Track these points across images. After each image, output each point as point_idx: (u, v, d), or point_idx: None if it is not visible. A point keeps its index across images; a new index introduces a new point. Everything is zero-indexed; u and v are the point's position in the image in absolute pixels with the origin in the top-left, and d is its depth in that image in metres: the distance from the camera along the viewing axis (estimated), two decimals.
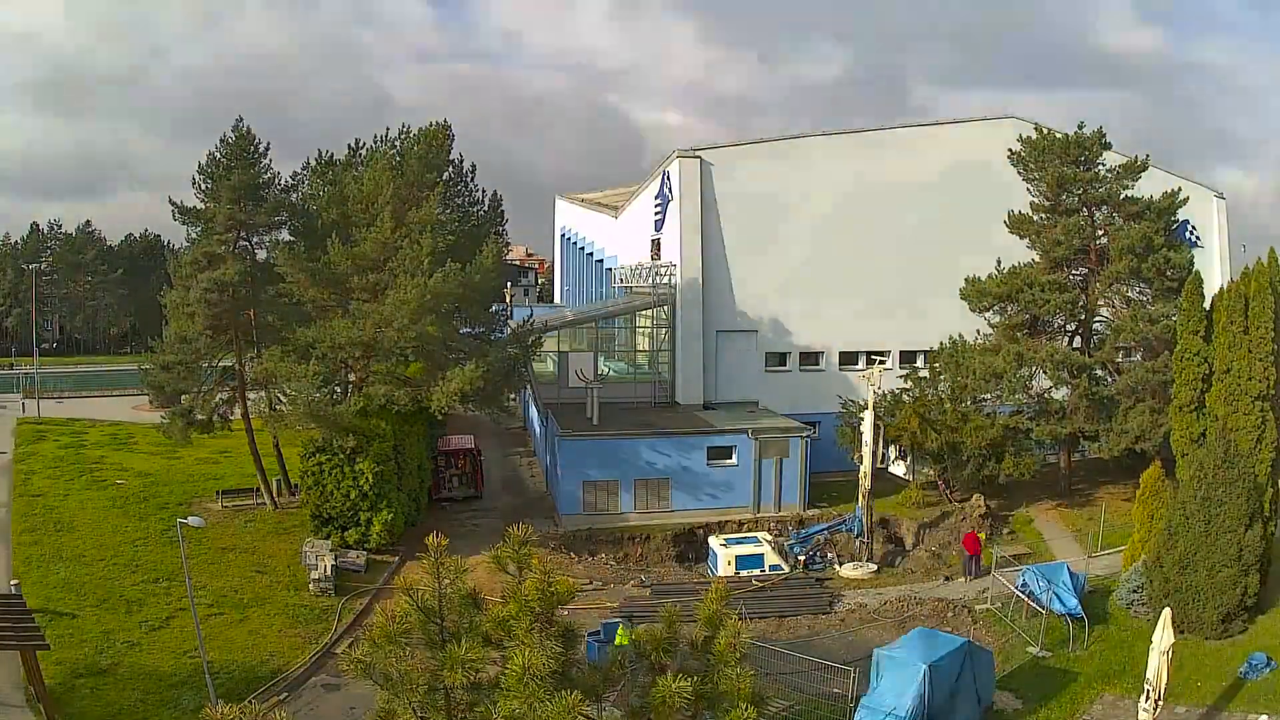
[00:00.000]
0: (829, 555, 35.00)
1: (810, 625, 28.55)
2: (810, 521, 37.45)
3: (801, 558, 33.94)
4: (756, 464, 38.97)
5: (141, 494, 38.44)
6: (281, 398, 34.70)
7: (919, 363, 44.89)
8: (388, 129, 39.19)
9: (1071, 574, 27.06)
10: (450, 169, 39.97)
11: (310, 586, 29.80)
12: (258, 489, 38.49)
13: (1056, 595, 25.89)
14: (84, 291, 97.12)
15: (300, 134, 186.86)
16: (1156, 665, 19.44)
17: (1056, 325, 40.14)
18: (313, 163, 39.00)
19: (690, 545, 36.80)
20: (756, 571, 31.96)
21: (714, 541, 33.68)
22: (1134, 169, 38.41)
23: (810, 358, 46.68)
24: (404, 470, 35.30)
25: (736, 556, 32.42)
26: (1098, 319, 39.81)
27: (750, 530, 36.10)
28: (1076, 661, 24.35)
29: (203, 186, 37.07)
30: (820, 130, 47.04)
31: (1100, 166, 38.84)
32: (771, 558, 32.61)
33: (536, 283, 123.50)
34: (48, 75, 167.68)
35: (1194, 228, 46.83)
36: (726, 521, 37.46)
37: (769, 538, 34.09)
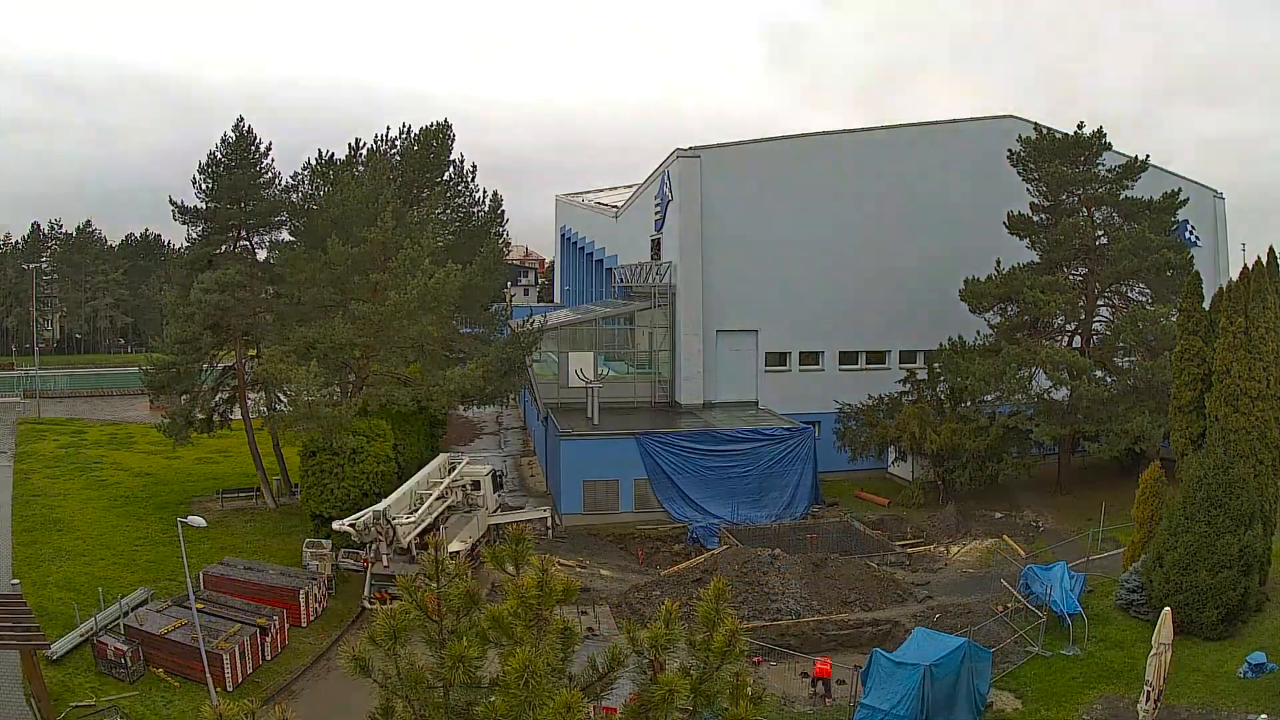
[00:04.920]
0: None
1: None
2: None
3: None
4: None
5: (141, 493, 38.50)
6: (281, 398, 34.73)
7: (919, 363, 44.92)
8: (388, 128, 39.21)
9: (1071, 574, 27.07)
10: (450, 169, 39.95)
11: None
12: (257, 488, 38.53)
13: (1056, 595, 25.88)
14: (84, 291, 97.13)
15: None
16: (1156, 665, 19.43)
17: (1056, 326, 40.15)
18: (312, 162, 38.95)
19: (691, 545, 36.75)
20: None
21: None
22: (1134, 169, 38.44)
23: (810, 358, 46.70)
24: (404, 470, 35.29)
25: None
26: (1098, 319, 39.82)
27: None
28: (1076, 661, 24.33)
29: (203, 186, 37.15)
30: (820, 130, 47.09)
31: (1100, 167, 38.87)
32: None
33: (536, 283, 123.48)
34: None
35: (1194, 228, 46.86)
36: None
37: None
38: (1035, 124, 42.05)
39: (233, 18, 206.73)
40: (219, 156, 37.09)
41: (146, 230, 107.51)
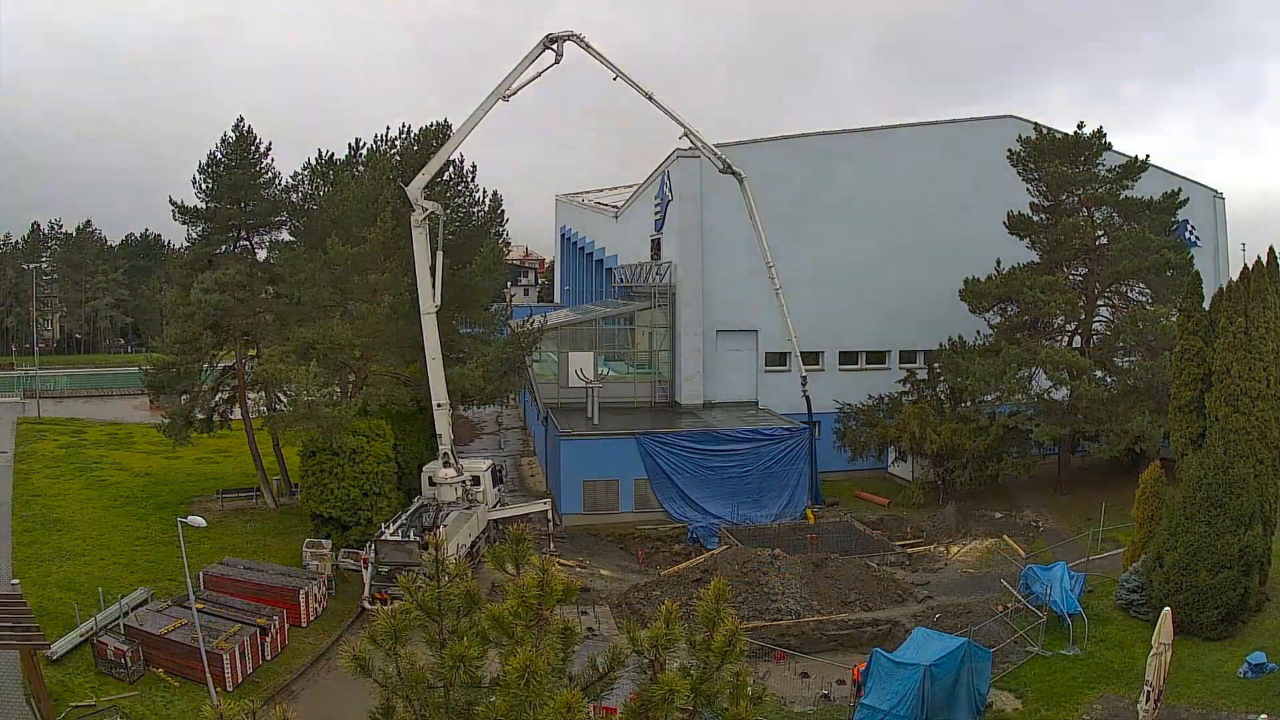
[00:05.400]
0: None
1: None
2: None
3: None
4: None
5: (141, 493, 38.48)
6: (281, 398, 34.74)
7: (919, 363, 44.87)
8: (387, 128, 39.10)
9: (1071, 574, 27.07)
10: (450, 169, 39.86)
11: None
12: (257, 488, 38.53)
13: (1056, 595, 25.88)
14: (84, 291, 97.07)
15: None
16: (1156, 665, 19.44)
17: (1056, 326, 40.15)
18: (312, 162, 38.93)
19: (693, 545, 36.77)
20: None
21: None
22: (1134, 169, 38.44)
23: (810, 358, 46.64)
24: (404, 470, 35.31)
25: None
26: (1098, 319, 39.82)
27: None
28: (1076, 661, 24.33)
29: (203, 186, 37.14)
30: (821, 130, 47.05)
31: (1100, 166, 38.87)
32: None
33: (536, 283, 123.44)
34: None
35: (1194, 227, 46.86)
36: None
37: None
38: (1035, 124, 42.05)
39: None
40: (219, 156, 37.10)
41: (146, 230, 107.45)
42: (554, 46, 33.54)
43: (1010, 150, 40.28)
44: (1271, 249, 27.79)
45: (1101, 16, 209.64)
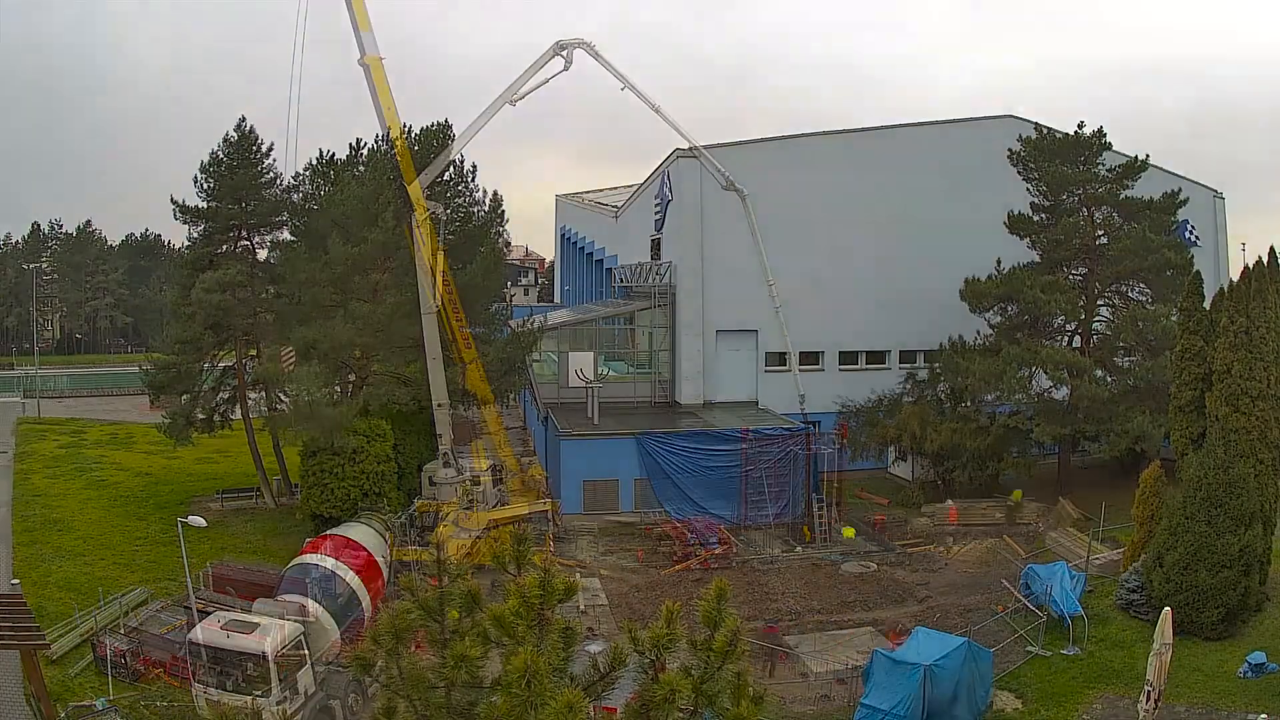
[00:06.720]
0: None
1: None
2: None
3: None
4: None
5: (141, 493, 38.49)
6: (282, 398, 34.76)
7: (919, 363, 44.84)
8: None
9: (1071, 574, 27.08)
10: (450, 169, 39.86)
11: None
12: (257, 488, 38.54)
13: (1056, 595, 25.88)
14: (84, 291, 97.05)
15: None
16: (1156, 665, 19.44)
17: (1056, 326, 40.15)
18: (313, 162, 38.93)
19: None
20: None
21: None
22: (1134, 169, 38.42)
23: (810, 358, 46.66)
24: (404, 470, 35.31)
25: None
26: (1098, 319, 39.82)
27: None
28: (1076, 661, 24.34)
29: (204, 186, 37.16)
30: (821, 129, 47.02)
31: (1100, 166, 38.86)
32: None
33: (536, 283, 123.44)
34: None
35: (1193, 227, 46.86)
36: None
37: None
38: (1035, 124, 42.04)
39: None
40: (221, 156, 37.11)
41: (146, 230, 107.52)
42: (564, 54, 33.66)
43: (1010, 150, 40.27)
44: (1272, 249, 27.82)
45: None
